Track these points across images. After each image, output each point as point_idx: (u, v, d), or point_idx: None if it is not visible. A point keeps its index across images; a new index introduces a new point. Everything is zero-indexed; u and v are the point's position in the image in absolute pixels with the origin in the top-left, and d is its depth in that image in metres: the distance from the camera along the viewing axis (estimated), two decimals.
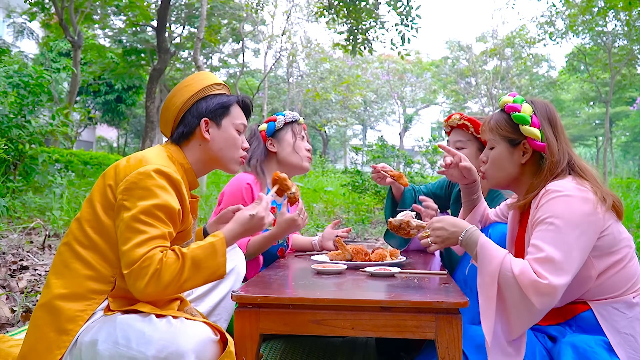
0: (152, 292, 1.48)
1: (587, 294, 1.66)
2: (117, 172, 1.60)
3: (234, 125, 1.83)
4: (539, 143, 1.74)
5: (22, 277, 3.43)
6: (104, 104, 23.50)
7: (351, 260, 2.22)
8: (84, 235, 1.58)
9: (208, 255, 1.57)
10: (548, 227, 1.58)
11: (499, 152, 1.81)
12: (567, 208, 1.58)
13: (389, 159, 9.51)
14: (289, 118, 2.68)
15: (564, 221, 1.56)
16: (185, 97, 1.78)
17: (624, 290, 1.64)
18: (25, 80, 6.69)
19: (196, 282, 1.56)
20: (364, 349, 2.48)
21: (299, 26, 23.69)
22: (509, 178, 1.82)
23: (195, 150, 1.79)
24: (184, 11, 18.06)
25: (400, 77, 29.71)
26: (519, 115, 1.76)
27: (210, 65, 23.13)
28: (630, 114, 28.58)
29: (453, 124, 2.53)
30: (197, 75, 1.86)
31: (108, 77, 19.56)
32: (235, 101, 1.86)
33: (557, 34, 17.13)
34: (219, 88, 1.85)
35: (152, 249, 1.49)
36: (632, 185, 14.62)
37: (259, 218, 1.75)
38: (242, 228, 1.74)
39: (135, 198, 1.53)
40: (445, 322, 1.53)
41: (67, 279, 1.55)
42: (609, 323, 1.62)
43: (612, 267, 1.63)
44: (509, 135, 1.79)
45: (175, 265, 1.50)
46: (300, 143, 2.67)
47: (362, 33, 10.29)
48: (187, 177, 1.78)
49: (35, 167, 7.07)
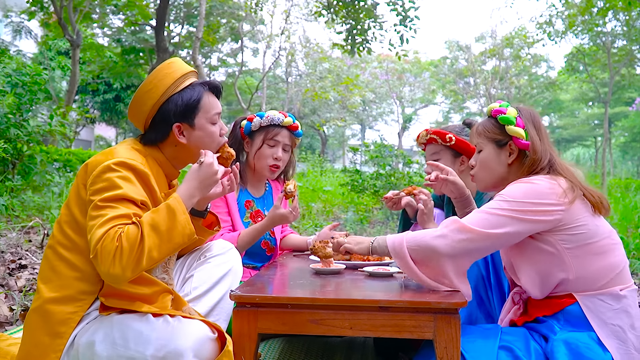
0: (120, 272, 1.39)
1: (570, 286, 1.70)
2: (86, 171, 1.59)
3: (208, 119, 1.75)
4: (523, 142, 1.82)
5: (20, 275, 3.43)
6: (102, 103, 23.46)
7: (349, 260, 2.22)
8: (65, 238, 1.58)
9: (165, 216, 1.49)
10: (492, 202, 1.72)
11: (487, 154, 1.90)
12: (518, 189, 1.71)
13: (388, 159, 9.50)
14: (266, 122, 2.57)
15: (508, 197, 1.69)
16: (149, 105, 1.70)
17: (607, 281, 1.68)
18: (23, 80, 6.68)
19: (164, 247, 1.47)
20: (362, 349, 2.48)
21: (298, 25, 23.74)
22: (496, 179, 1.89)
23: (171, 150, 1.76)
24: (182, 10, 18.05)
25: (399, 77, 29.69)
26: (504, 116, 1.85)
27: (209, 64, 23.12)
28: (629, 114, 28.57)
29: (423, 141, 2.64)
30: (156, 74, 1.72)
31: (107, 76, 19.52)
32: (203, 91, 1.76)
33: (555, 34, 17.13)
34: (184, 80, 1.74)
35: (110, 228, 1.42)
36: (631, 185, 14.64)
37: (207, 164, 1.66)
38: (194, 180, 1.65)
39: (98, 190, 1.50)
40: (443, 322, 1.53)
41: (54, 282, 1.55)
42: (595, 315, 1.66)
43: (592, 259, 1.68)
44: (495, 137, 1.88)
45: (135, 235, 1.43)
46: (266, 150, 2.57)
47: (361, 33, 10.28)
48: (164, 169, 1.75)
49: (34, 166, 7.06)
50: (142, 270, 1.44)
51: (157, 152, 1.74)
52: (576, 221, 1.69)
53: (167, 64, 1.75)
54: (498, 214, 1.67)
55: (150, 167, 1.66)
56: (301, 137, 2.76)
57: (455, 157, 2.56)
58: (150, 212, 1.50)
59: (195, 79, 1.80)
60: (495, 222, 1.66)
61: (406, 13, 9.46)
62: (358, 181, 8.49)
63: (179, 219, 1.51)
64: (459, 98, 28.45)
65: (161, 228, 1.47)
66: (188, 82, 1.76)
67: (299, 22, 21.23)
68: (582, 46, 17.98)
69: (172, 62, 1.77)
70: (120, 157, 1.57)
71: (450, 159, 2.55)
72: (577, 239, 1.68)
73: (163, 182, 1.74)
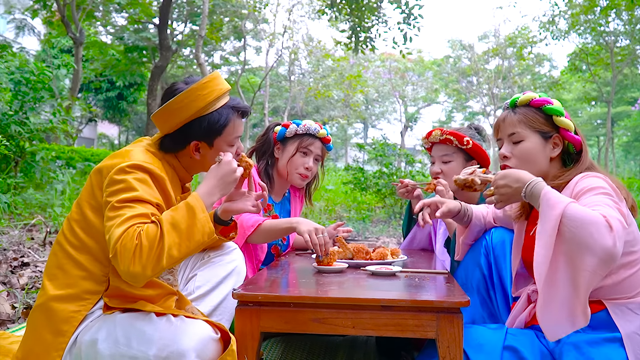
0: (140, 270, 1.39)
1: (603, 292, 1.62)
2: (102, 172, 1.59)
3: (227, 142, 1.75)
4: (574, 136, 1.74)
5: (22, 273, 3.43)
6: (105, 101, 23.49)
7: (352, 259, 2.22)
8: (74, 236, 1.58)
9: (185, 214, 1.50)
10: (595, 193, 1.54)
11: (531, 145, 1.77)
12: (604, 183, 1.57)
13: (391, 158, 9.50)
14: (302, 130, 2.57)
15: (606, 190, 1.55)
16: (175, 123, 1.68)
17: (639, 291, 1.62)
18: (26, 77, 6.69)
19: (184, 245, 1.47)
20: (365, 348, 2.48)
21: (301, 24, 23.71)
22: (537, 174, 1.72)
23: (186, 160, 1.76)
24: (185, 9, 18.03)
25: (402, 76, 29.66)
26: (553, 107, 1.76)
27: (212, 62, 23.10)
28: (632, 113, 28.52)
29: (435, 140, 2.57)
30: (191, 93, 1.68)
31: (110, 74, 19.55)
32: (232, 117, 1.74)
33: (558, 33, 17.10)
34: (216, 102, 1.72)
35: (129, 226, 1.42)
36: (634, 185, 14.59)
37: (225, 162, 1.67)
38: (213, 179, 1.66)
39: (115, 192, 1.50)
40: (446, 321, 1.52)
41: (60, 279, 1.55)
42: (622, 321, 1.59)
43: (630, 266, 1.61)
44: (542, 128, 1.78)
45: (155, 233, 1.43)
46: (298, 159, 2.56)
47: (365, 31, 10.27)
48: (178, 173, 1.75)
49: (35, 164, 7.08)
50: (162, 269, 1.44)
51: (172, 158, 1.75)
52: (628, 225, 1.57)
53: (204, 84, 1.70)
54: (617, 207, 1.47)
55: (165, 170, 1.67)
56: (331, 151, 2.73)
57: (466, 161, 2.54)
58: (169, 211, 1.51)
59: (228, 99, 1.77)
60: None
61: (410, 11, 9.45)
62: (361, 179, 8.48)
63: (199, 217, 1.52)
64: (461, 97, 28.44)
65: (181, 226, 1.47)
66: (219, 105, 1.73)
67: (302, 21, 21.23)
68: (585, 45, 17.93)
69: (211, 80, 1.73)
70: (137, 160, 1.57)
71: (462, 162, 2.54)
72: (626, 244, 1.57)
73: (177, 185, 1.75)
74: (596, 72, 19.10)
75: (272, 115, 25.39)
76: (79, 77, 13.34)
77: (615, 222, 1.37)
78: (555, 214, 1.44)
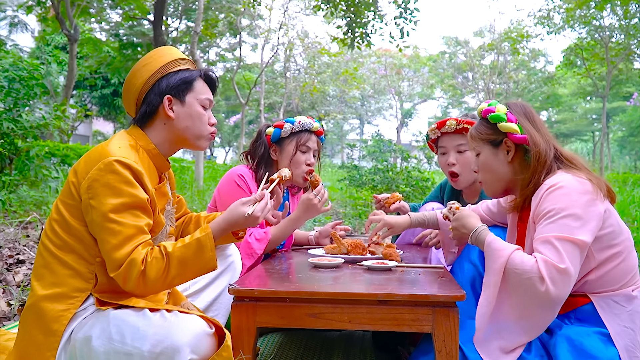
0: (141, 292, 1.52)
1: (587, 286, 1.67)
2: (78, 170, 1.57)
3: (198, 101, 1.76)
4: (519, 136, 1.78)
5: (18, 271, 3.42)
6: (100, 98, 23.39)
7: (347, 254, 2.22)
8: (56, 237, 1.57)
9: (195, 252, 1.56)
10: (552, 220, 1.59)
11: (485, 156, 1.87)
12: (568, 200, 1.60)
13: (386, 154, 9.50)
14: (298, 127, 2.55)
15: (566, 212, 1.58)
16: (145, 77, 1.71)
17: (623, 283, 1.65)
18: (20, 74, 6.65)
19: (185, 278, 1.58)
20: (361, 343, 2.48)
21: (296, 20, 23.63)
22: (502, 181, 1.85)
23: (160, 129, 1.73)
24: (180, 5, 17.96)
25: (398, 72, 29.64)
26: (494, 115, 1.82)
27: (207, 59, 23.03)
28: (627, 109, 28.59)
29: (450, 130, 2.51)
30: (156, 52, 1.76)
31: (104, 71, 19.42)
32: (198, 75, 1.78)
33: (553, 27, 17.11)
34: (181, 63, 1.77)
35: (133, 249, 1.48)
36: (629, 180, 14.65)
37: (254, 218, 1.72)
38: (234, 224, 1.71)
39: (101, 196, 1.49)
40: (442, 315, 1.53)
41: (47, 279, 1.54)
42: (609, 316, 1.63)
43: (612, 259, 1.65)
44: (489, 137, 1.85)
45: (160, 264, 1.51)
46: (299, 157, 2.54)
47: (361, 26, 10.24)
48: (155, 162, 1.73)
49: (29, 162, 7.04)
50: (161, 290, 1.60)
51: (146, 141, 1.71)
52: (607, 218, 1.64)
53: (166, 47, 1.79)
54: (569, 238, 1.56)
55: (141, 160, 1.64)
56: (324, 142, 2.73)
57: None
58: (181, 246, 1.56)
59: (192, 68, 1.81)
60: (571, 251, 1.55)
61: (406, 5, 9.43)
62: (356, 177, 8.49)
63: (206, 255, 1.58)
64: (457, 93, 28.41)
65: (187, 262, 1.55)
66: (185, 66, 1.78)
67: (297, 17, 21.17)
68: (580, 40, 17.96)
69: (171, 47, 1.81)
70: (116, 155, 1.54)
71: None
72: (606, 238, 1.64)
73: (154, 176, 1.72)
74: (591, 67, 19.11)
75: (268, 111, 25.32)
76: (73, 74, 13.26)
77: (549, 269, 1.52)
78: (497, 268, 1.61)
